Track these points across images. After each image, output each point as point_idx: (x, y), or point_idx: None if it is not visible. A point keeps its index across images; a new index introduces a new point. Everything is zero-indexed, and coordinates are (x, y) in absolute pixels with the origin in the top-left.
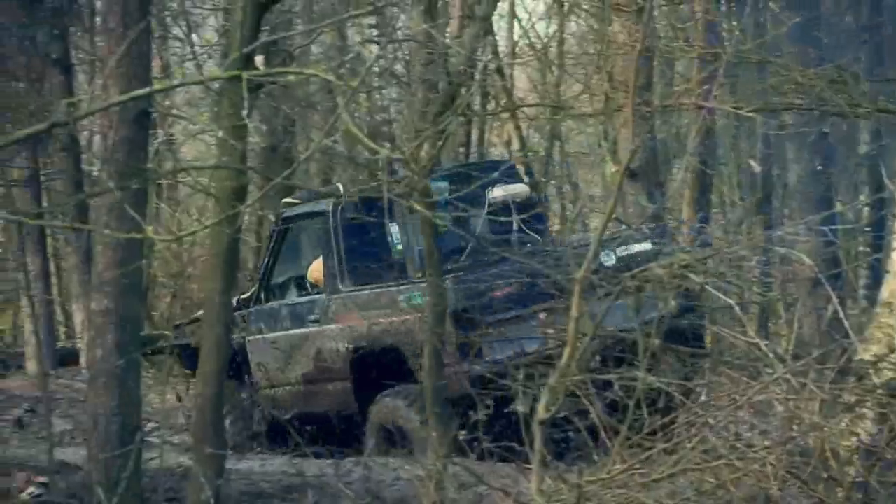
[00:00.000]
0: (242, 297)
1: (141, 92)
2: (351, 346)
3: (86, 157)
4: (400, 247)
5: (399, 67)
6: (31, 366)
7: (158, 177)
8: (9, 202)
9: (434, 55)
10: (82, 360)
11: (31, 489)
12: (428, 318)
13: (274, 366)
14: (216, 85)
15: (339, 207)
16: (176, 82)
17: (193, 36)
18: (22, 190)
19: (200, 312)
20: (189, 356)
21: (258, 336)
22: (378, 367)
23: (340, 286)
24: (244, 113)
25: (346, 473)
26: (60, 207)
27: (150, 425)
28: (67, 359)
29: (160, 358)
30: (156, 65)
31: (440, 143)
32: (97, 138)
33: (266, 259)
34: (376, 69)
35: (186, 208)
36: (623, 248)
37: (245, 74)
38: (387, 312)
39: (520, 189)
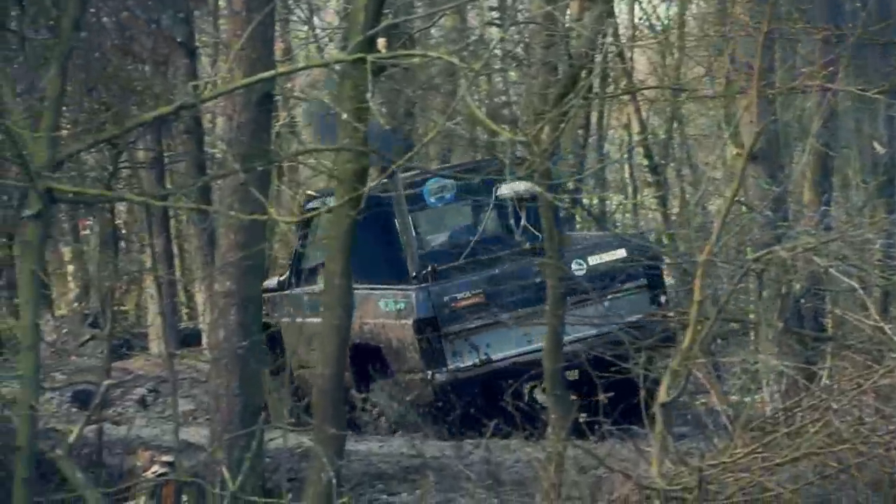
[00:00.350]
0: (280, 279)
1: (266, 74)
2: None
3: (208, 139)
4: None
5: (519, 50)
6: (155, 346)
7: (282, 159)
8: (135, 184)
9: (555, 37)
10: (204, 341)
11: (154, 468)
12: (549, 298)
13: (300, 348)
14: (337, 68)
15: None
16: (300, 65)
17: (315, 19)
18: (147, 172)
19: None
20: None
21: (287, 319)
22: (369, 360)
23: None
24: (368, 95)
25: (466, 455)
26: (185, 189)
27: None
28: (189, 340)
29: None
30: (277, 48)
31: (561, 125)
32: (220, 121)
33: (297, 245)
34: (497, 52)
35: (307, 190)
36: (596, 257)
37: (369, 57)
38: (369, 313)
39: (526, 186)
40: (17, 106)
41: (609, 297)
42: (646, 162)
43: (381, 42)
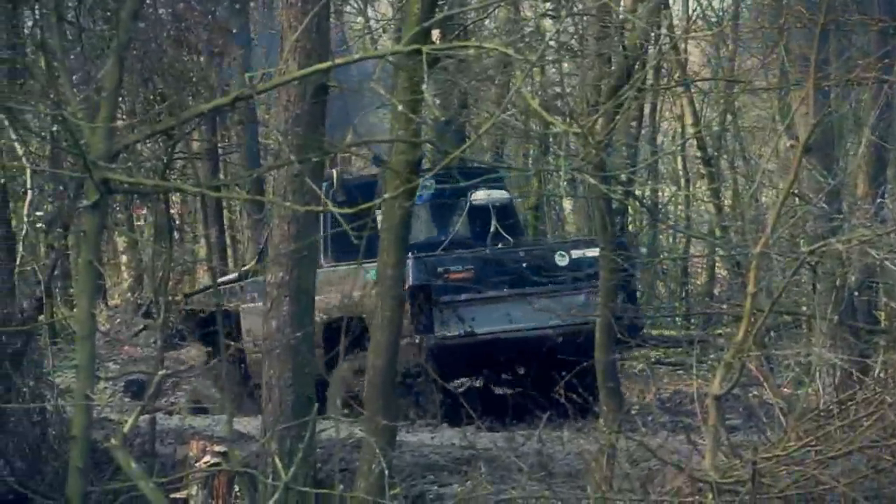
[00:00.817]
0: (243, 268)
1: (322, 66)
2: (324, 317)
3: (262, 130)
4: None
5: (573, 42)
6: None
7: (337, 150)
8: (189, 175)
9: (609, 29)
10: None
11: (206, 458)
12: (601, 291)
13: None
14: (392, 59)
15: (331, 190)
16: (356, 56)
17: (369, 10)
18: (201, 163)
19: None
20: (198, 324)
21: (249, 305)
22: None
23: (323, 262)
24: (423, 87)
25: (518, 446)
26: (239, 180)
27: None
28: None
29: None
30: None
31: (616, 117)
32: (274, 112)
33: (266, 235)
34: (552, 44)
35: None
36: (579, 251)
37: (425, 48)
38: (354, 286)
39: (499, 195)
40: (74, 97)
41: (585, 290)
42: (699, 154)
43: (435, 33)
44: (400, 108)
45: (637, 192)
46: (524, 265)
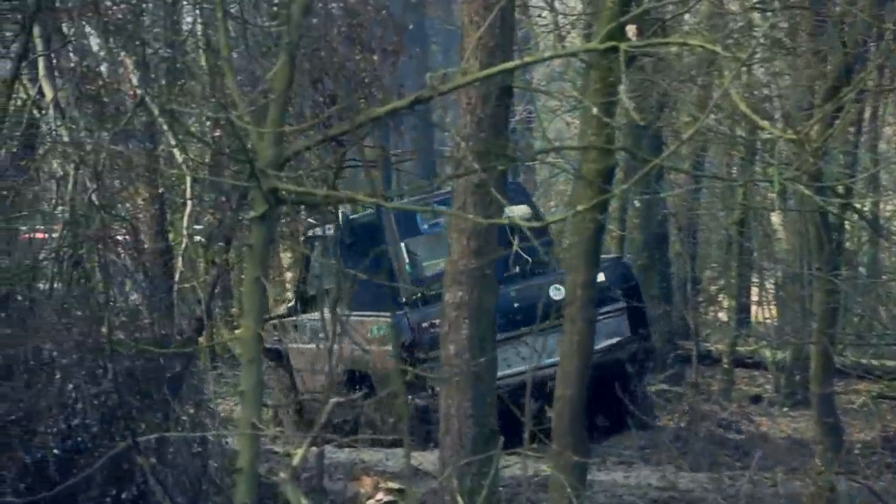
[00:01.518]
0: (289, 305)
1: (509, 65)
2: (344, 367)
3: (438, 136)
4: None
5: (784, 38)
6: None
7: (526, 158)
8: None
9: (825, 23)
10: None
11: (379, 496)
12: (818, 316)
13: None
14: (583, 57)
15: (340, 230)
16: (546, 54)
17: (556, 3)
18: (372, 171)
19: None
20: (269, 351)
21: (294, 345)
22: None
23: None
24: (620, 88)
25: (725, 488)
26: (417, 189)
27: None
28: None
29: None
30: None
31: (835, 122)
32: (450, 116)
33: (300, 271)
34: (762, 40)
35: (545, 192)
36: None
37: (622, 45)
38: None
39: (523, 210)
40: (241, 99)
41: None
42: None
43: (630, 29)
44: (595, 111)
45: (856, 205)
46: (514, 304)
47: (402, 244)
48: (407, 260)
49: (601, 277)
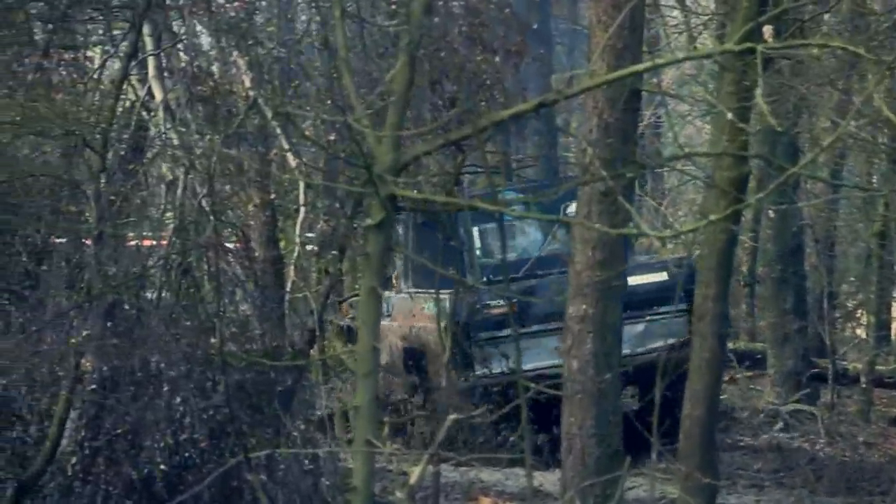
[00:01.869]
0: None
1: (640, 67)
2: (403, 343)
3: (562, 141)
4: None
5: None
6: None
7: (655, 165)
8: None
9: None
10: None
11: None
12: None
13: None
14: (718, 59)
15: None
16: (679, 56)
17: (687, 2)
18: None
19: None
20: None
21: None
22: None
23: (403, 286)
24: (757, 92)
25: None
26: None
27: None
28: None
29: None
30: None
31: None
32: (575, 120)
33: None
34: None
35: (673, 200)
36: (636, 277)
37: (759, 47)
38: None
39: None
40: (359, 101)
41: (647, 318)
42: None
43: (766, 30)
44: (729, 116)
45: None
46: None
47: (475, 229)
48: (479, 245)
49: (665, 276)
